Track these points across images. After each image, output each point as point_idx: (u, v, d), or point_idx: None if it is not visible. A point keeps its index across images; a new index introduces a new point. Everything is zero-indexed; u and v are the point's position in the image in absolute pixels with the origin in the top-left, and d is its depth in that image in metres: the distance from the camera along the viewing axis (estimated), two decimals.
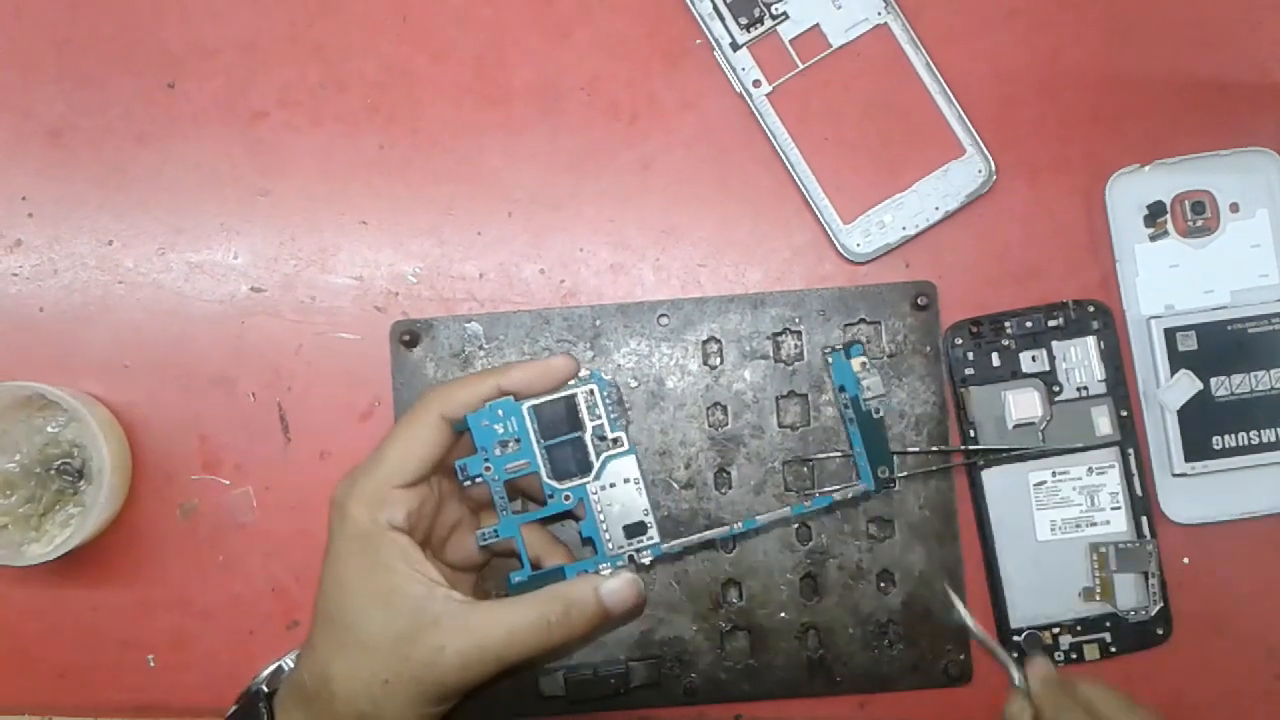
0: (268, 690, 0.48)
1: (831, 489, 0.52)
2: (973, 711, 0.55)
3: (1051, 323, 0.55)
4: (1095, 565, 0.54)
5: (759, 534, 0.54)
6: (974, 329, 0.55)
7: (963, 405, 0.55)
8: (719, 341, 0.56)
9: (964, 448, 0.55)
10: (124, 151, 0.57)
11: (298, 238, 0.57)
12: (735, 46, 0.56)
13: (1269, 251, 0.55)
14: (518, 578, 0.48)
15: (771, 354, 0.55)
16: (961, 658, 0.55)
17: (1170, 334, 0.54)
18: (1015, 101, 0.57)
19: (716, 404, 0.55)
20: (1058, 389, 0.55)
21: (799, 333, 0.55)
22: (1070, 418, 0.55)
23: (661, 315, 0.56)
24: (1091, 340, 0.55)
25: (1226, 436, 0.54)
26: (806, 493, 0.54)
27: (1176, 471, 0.54)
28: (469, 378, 0.48)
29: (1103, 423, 0.55)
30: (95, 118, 0.57)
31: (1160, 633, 0.55)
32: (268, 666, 0.53)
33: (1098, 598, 0.54)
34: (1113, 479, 0.55)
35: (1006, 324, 0.55)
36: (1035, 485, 0.55)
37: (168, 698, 0.55)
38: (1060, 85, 0.57)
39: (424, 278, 0.57)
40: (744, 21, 0.56)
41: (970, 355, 0.55)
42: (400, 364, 0.56)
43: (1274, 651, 0.56)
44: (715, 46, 0.56)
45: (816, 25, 0.56)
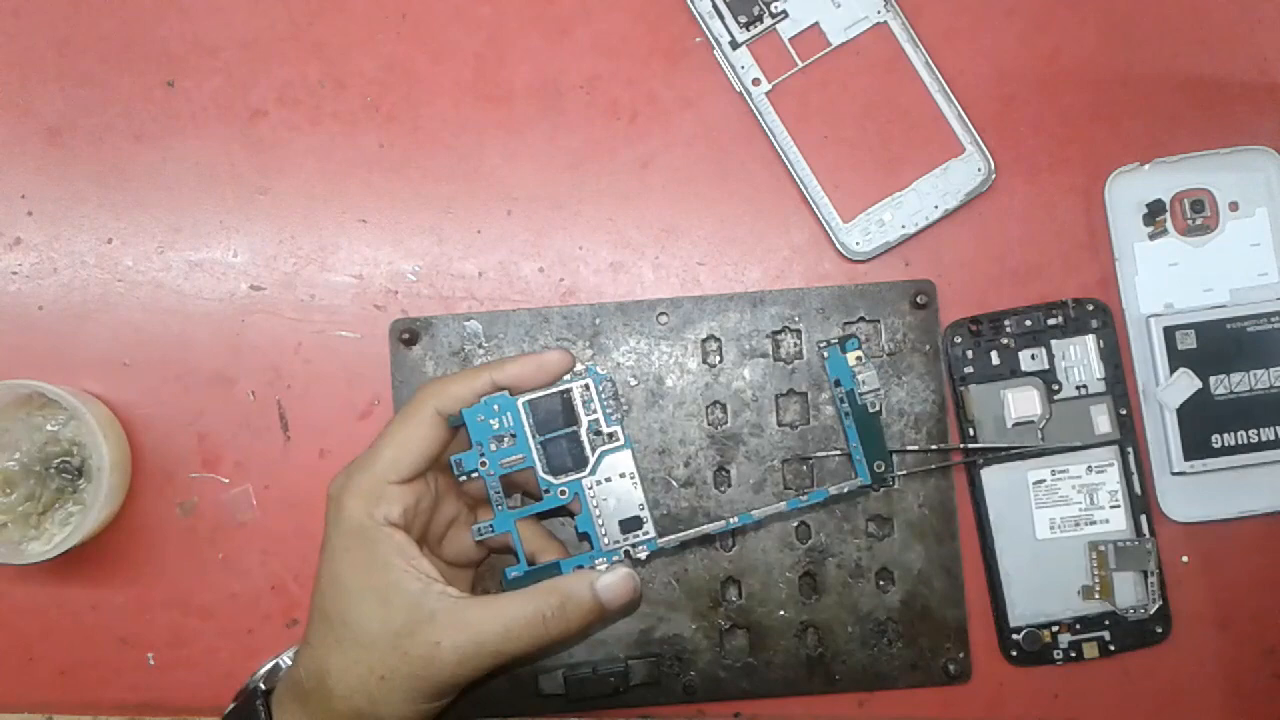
0: (265, 688, 0.48)
1: (829, 485, 0.52)
2: (971, 710, 0.55)
3: (1051, 321, 0.55)
4: (1094, 564, 0.54)
5: (758, 529, 0.55)
6: (973, 327, 0.55)
7: (962, 404, 0.55)
8: (718, 340, 0.56)
9: (963, 446, 0.55)
10: (123, 150, 0.57)
11: (297, 236, 0.57)
12: (735, 45, 0.56)
13: (1268, 250, 0.55)
14: (514, 573, 0.48)
15: (771, 352, 0.55)
16: (960, 656, 0.55)
17: (1170, 332, 0.54)
18: (1015, 100, 0.57)
19: (716, 402, 0.55)
20: (1057, 387, 0.55)
21: (798, 331, 0.55)
22: (1069, 416, 0.55)
23: (661, 314, 0.56)
24: (1091, 339, 0.55)
25: (1226, 435, 0.54)
26: (805, 489, 0.54)
27: (1176, 470, 0.54)
28: (464, 373, 0.48)
29: (1102, 421, 0.55)
30: (94, 116, 0.57)
31: (1159, 631, 0.55)
32: (265, 664, 0.53)
33: (1097, 596, 0.54)
34: (1112, 477, 0.55)
35: (1006, 322, 0.55)
36: (1034, 484, 0.55)
37: (167, 696, 0.55)
38: (1060, 84, 0.57)
39: (423, 276, 0.57)
40: (743, 20, 0.56)
41: (969, 354, 0.55)
42: (400, 362, 0.56)
43: (1272, 650, 0.56)
44: (715, 45, 0.56)
45: (816, 24, 0.56)
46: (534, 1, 0.57)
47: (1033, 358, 0.55)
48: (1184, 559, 0.56)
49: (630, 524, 0.48)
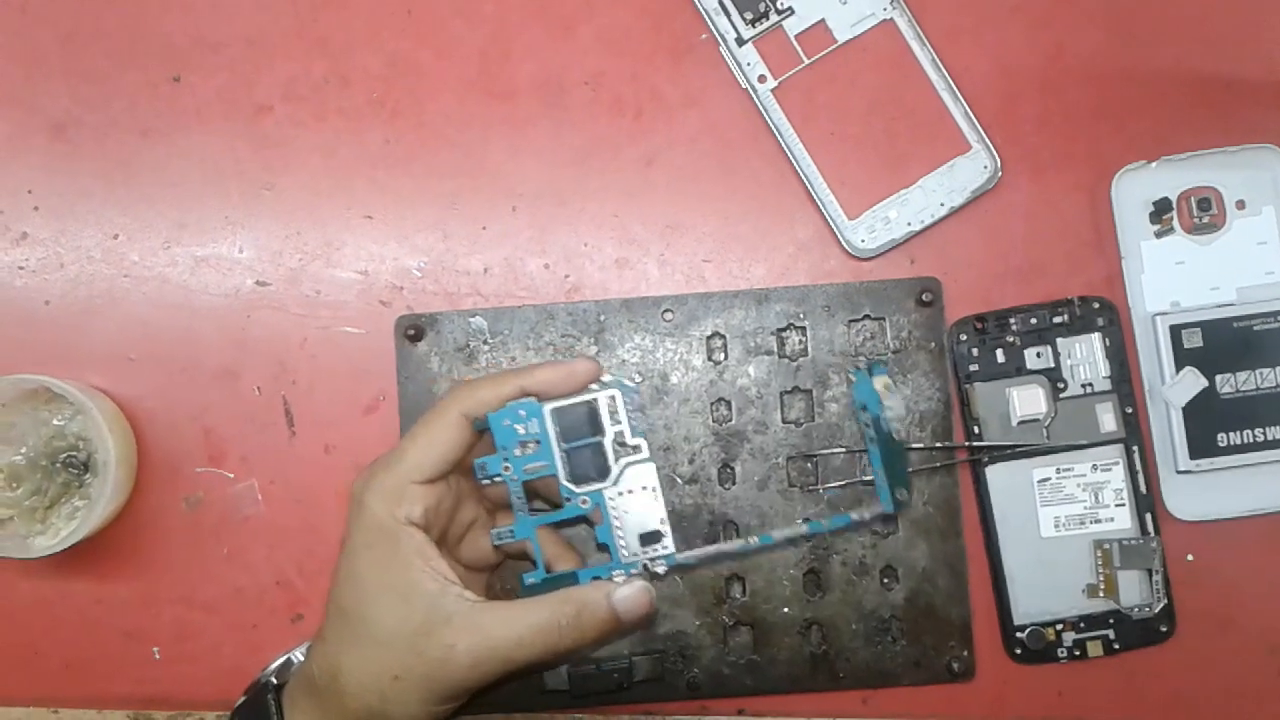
0: (276, 682, 0.49)
1: (850, 510, 0.51)
2: (975, 707, 0.55)
3: (1056, 319, 0.55)
4: (1099, 562, 0.54)
5: (763, 526, 0.54)
6: (979, 325, 0.55)
7: (967, 402, 0.55)
8: (723, 337, 0.56)
9: (968, 444, 0.55)
10: (129, 146, 0.57)
11: (302, 232, 0.57)
12: (740, 42, 0.56)
13: (1275, 248, 0.55)
14: (531, 579, 0.47)
15: (776, 350, 0.55)
16: (965, 654, 0.55)
17: (1175, 331, 0.54)
18: (1021, 97, 0.57)
19: (720, 399, 0.55)
20: (1062, 386, 0.55)
21: (803, 328, 0.55)
22: (1075, 414, 0.55)
23: (666, 310, 0.56)
24: (1096, 337, 0.55)
25: (1231, 434, 0.54)
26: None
27: (1181, 468, 0.54)
28: (492, 377, 0.48)
29: (1107, 419, 0.55)
30: (100, 112, 0.57)
31: (1164, 630, 0.55)
32: (276, 659, 0.53)
33: (1101, 594, 0.54)
34: (1117, 476, 0.55)
35: (1011, 320, 0.55)
36: (1039, 482, 0.55)
37: (172, 690, 0.56)
38: (1066, 81, 0.57)
39: (428, 272, 0.57)
40: (749, 17, 0.56)
41: (975, 351, 0.55)
42: (405, 358, 0.56)
43: (1277, 649, 0.56)
44: (720, 42, 0.56)
45: (822, 20, 0.56)
46: None
47: (1038, 356, 0.55)
48: (1189, 557, 0.55)
49: (650, 537, 0.47)
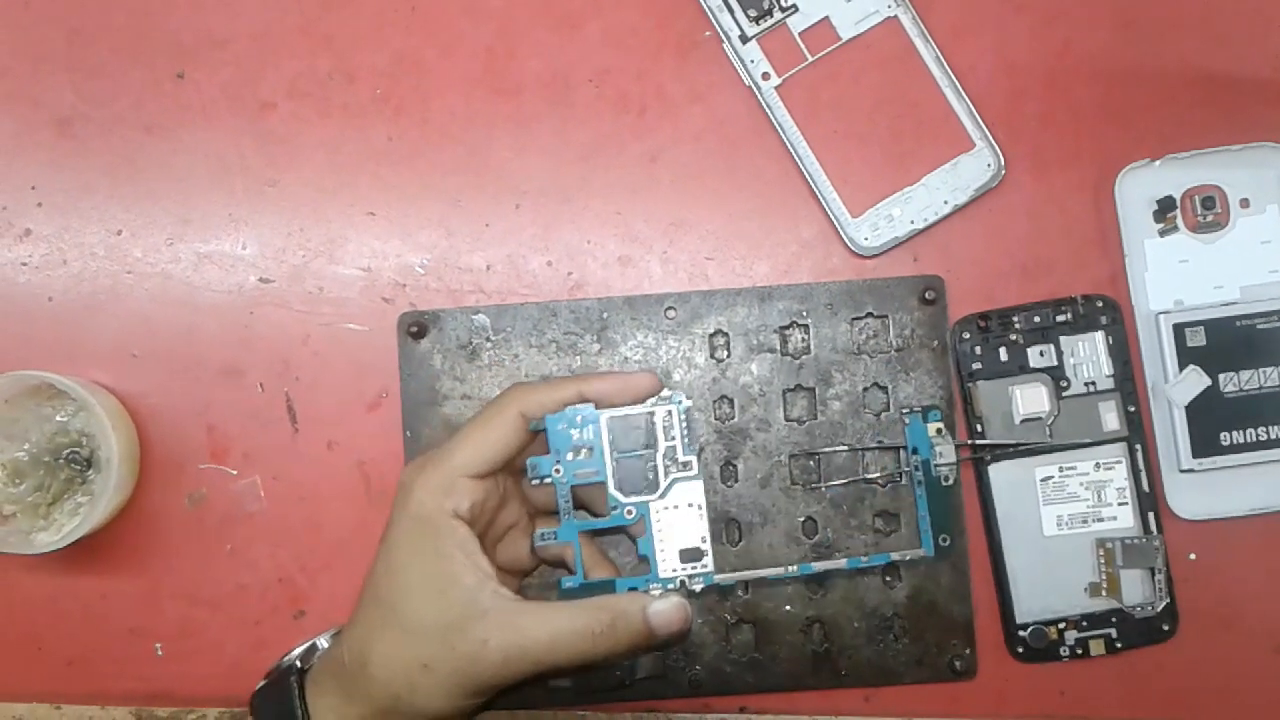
0: (301, 666, 0.49)
1: (891, 551, 0.53)
2: (977, 706, 0.55)
3: (1060, 318, 0.55)
4: (1102, 561, 0.54)
5: (764, 524, 0.54)
6: (982, 323, 0.55)
7: (970, 400, 0.55)
8: (726, 334, 0.56)
9: (971, 442, 0.55)
10: (133, 142, 0.57)
11: (306, 228, 0.57)
12: (744, 39, 0.56)
13: (1279, 247, 0.55)
14: (569, 583, 0.48)
15: (779, 347, 0.55)
16: (967, 652, 0.55)
17: (1179, 329, 0.54)
18: (1025, 95, 0.57)
19: (723, 397, 0.55)
20: (1065, 384, 0.55)
21: (806, 326, 0.55)
22: (1078, 413, 0.55)
23: (669, 308, 0.56)
24: (1100, 335, 0.55)
25: (1235, 433, 0.54)
26: (811, 484, 0.54)
27: (1184, 467, 0.54)
28: (551, 381, 0.48)
29: (1110, 418, 0.55)
30: (104, 108, 0.57)
31: (1166, 629, 0.55)
32: (300, 644, 0.53)
33: (1104, 593, 0.54)
34: (1120, 474, 0.55)
35: (1014, 319, 0.55)
36: (1042, 480, 0.55)
37: (175, 686, 0.56)
38: (1070, 79, 0.57)
39: (432, 269, 0.57)
40: (753, 14, 0.56)
41: (978, 350, 0.55)
42: (407, 355, 0.56)
43: None
44: (724, 39, 0.56)
45: (826, 18, 0.56)
46: None
47: (1041, 354, 0.55)
48: (1191, 556, 0.55)
49: (690, 554, 0.48)
